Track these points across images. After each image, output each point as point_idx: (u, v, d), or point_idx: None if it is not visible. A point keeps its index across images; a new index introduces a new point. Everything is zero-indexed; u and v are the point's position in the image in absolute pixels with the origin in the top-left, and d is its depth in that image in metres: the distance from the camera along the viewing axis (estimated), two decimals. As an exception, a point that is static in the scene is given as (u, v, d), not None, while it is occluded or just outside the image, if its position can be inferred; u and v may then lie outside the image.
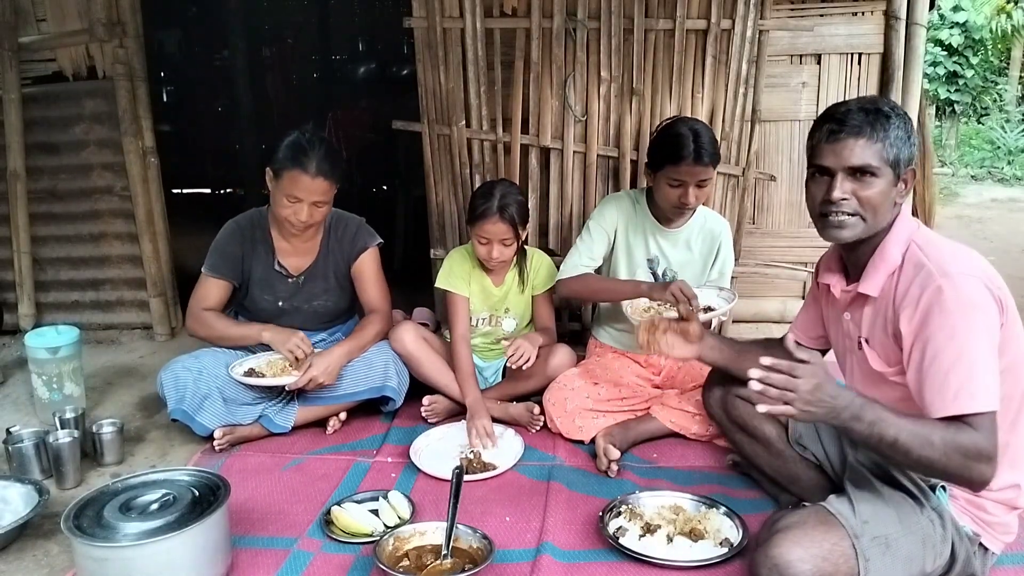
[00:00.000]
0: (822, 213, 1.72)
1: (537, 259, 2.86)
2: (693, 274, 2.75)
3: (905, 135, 1.65)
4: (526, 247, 2.88)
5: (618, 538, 1.95)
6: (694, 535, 1.97)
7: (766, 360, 1.51)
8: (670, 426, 2.56)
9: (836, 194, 1.66)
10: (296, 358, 2.57)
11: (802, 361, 1.51)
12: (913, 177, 1.71)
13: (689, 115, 3.19)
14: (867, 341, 1.77)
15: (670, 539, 1.96)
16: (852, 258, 1.79)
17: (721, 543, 1.94)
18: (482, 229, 2.65)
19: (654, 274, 2.75)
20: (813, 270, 2.08)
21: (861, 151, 1.64)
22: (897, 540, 1.61)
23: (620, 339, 2.86)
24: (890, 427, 1.52)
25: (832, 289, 1.85)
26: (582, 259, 2.74)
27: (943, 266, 1.60)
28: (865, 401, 1.54)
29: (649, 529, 1.99)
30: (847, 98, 3.18)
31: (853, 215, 1.67)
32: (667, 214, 2.69)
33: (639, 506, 2.09)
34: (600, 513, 2.05)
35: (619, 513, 2.07)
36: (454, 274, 2.80)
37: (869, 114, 1.64)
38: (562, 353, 2.73)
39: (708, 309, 2.56)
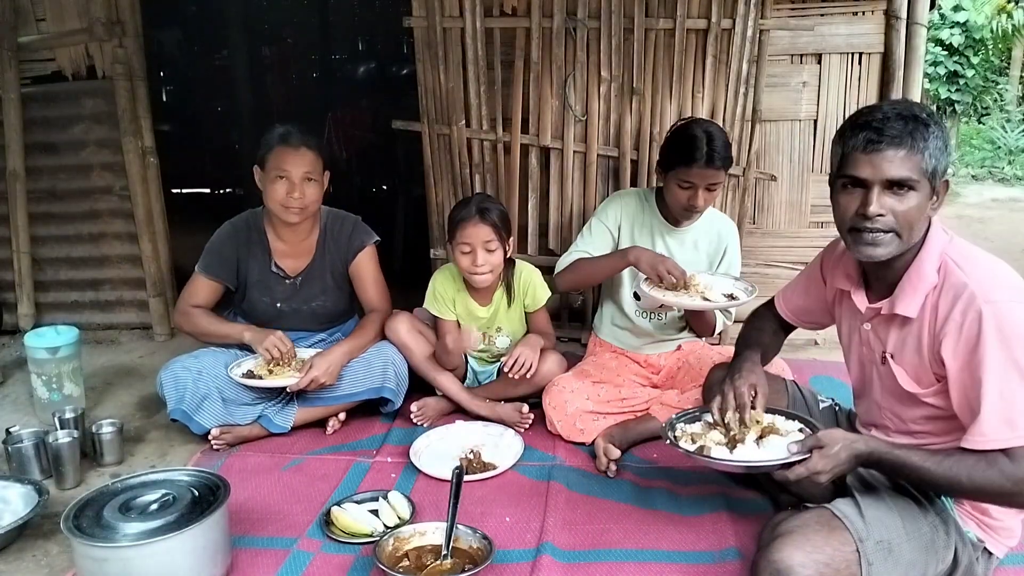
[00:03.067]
0: (854, 227, 1.61)
1: (526, 275, 2.78)
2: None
3: (943, 144, 1.56)
4: (515, 260, 2.81)
5: (707, 451, 1.76)
6: (774, 433, 1.78)
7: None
8: None
9: (873, 209, 1.55)
10: (272, 357, 2.56)
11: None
12: (946, 189, 1.62)
13: (689, 115, 3.19)
14: (893, 357, 1.73)
15: (757, 443, 1.76)
16: (878, 272, 1.72)
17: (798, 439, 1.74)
18: (463, 235, 2.59)
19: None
20: (819, 257, 2.00)
21: (901, 163, 1.53)
22: (900, 545, 1.60)
23: (621, 337, 2.86)
24: (913, 472, 1.55)
25: (853, 298, 1.79)
26: (577, 252, 2.72)
27: (987, 291, 1.55)
28: (887, 447, 1.58)
29: (734, 440, 1.77)
30: (847, 98, 3.23)
31: (888, 232, 1.57)
32: (676, 215, 2.68)
33: (689, 427, 1.88)
34: (662, 431, 1.89)
35: (679, 434, 1.86)
36: (438, 298, 2.76)
37: (908, 122, 1.54)
38: (551, 361, 2.70)
39: (731, 297, 2.53)
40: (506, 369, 2.62)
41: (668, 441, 1.83)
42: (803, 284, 2.04)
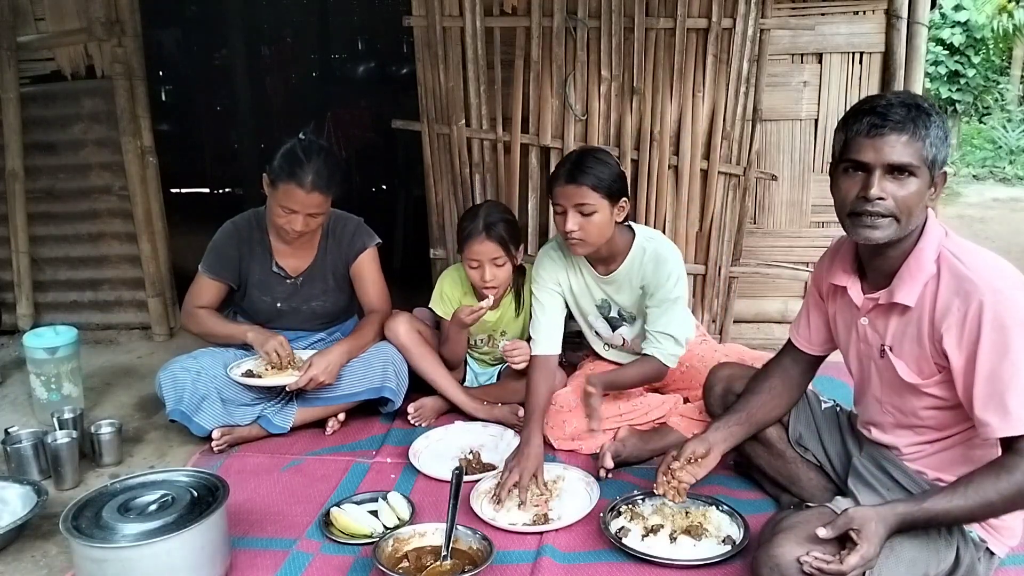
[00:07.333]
0: (854, 211, 1.62)
1: None
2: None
3: (943, 135, 1.59)
4: (524, 266, 2.77)
5: (621, 538, 1.95)
6: (696, 533, 1.96)
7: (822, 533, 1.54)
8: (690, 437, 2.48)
9: (874, 192, 1.56)
10: (271, 362, 2.57)
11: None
12: (944, 180, 1.64)
13: (690, 114, 3.19)
14: (891, 349, 1.72)
15: (673, 538, 1.96)
16: (876, 262, 1.72)
17: (723, 540, 1.94)
18: (470, 251, 2.57)
19: (607, 319, 2.64)
20: (812, 273, 2.05)
21: (903, 148, 1.55)
22: (901, 543, 1.60)
23: (610, 359, 2.77)
24: (947, 517, 1.55)
25: (850, 292, 1.79)
26: (540, 335, 2.55)
27: (988, 280, 1.56)
28: (915, 505, 1.56)
29: (652, 529, 1.99)
30: (848, 98, 3.22)
31: (887, 216, 1.58)
32: (574, 249, 2.42)
33: (639, 506, 2.08)
34: (600, 514, 2.04)
35: (619, 513, 2.06)
36: (444, 299, 2.77)
37: (911, 110, 1.56)
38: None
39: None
40: (503, 349, 2.62)
41: (602, 522, 2.01)
42: (806, 306, 2.05)
